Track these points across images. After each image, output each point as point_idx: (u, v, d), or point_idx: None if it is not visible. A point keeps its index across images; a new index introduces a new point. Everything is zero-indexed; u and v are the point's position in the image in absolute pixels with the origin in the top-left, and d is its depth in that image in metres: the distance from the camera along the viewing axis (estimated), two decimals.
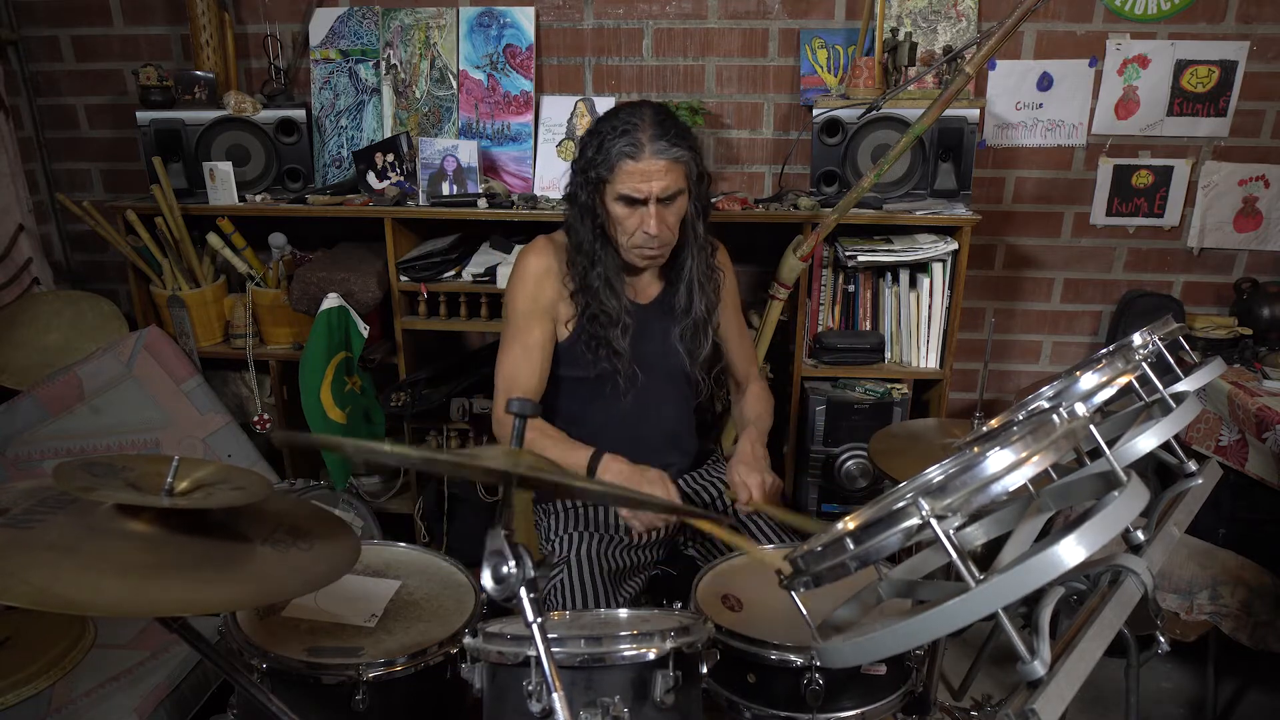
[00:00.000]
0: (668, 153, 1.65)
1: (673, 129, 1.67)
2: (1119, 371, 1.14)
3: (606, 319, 1.76)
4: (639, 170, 1.64)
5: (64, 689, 1.69)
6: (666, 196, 1.67)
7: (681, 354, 1.86)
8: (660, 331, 1.86)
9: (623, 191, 1.66)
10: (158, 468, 1.10)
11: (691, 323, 1.84)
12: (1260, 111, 2.55)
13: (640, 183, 1.65)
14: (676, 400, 1.92)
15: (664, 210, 1.69)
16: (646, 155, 1.64)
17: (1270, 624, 2.01)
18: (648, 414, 1.86)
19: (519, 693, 1.12)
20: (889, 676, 1.41)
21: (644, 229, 1.68)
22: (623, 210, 1.69)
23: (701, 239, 1.82)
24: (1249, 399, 2.16)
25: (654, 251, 1.74)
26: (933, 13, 2.50)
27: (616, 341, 1.77)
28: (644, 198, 1.66)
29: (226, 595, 1.02)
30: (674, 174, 1.67)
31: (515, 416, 1.04)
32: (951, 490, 0.79)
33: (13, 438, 2.35)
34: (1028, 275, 2.76)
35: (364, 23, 2.63)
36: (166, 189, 2.39)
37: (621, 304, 1.77)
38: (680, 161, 1.67)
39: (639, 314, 1.82)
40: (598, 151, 1.67)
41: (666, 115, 1.70)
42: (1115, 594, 0.94)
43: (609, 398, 1.83)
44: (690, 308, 1.83)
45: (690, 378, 1.90)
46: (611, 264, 1.76)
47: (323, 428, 2.34)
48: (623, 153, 1.64)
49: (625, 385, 1.80)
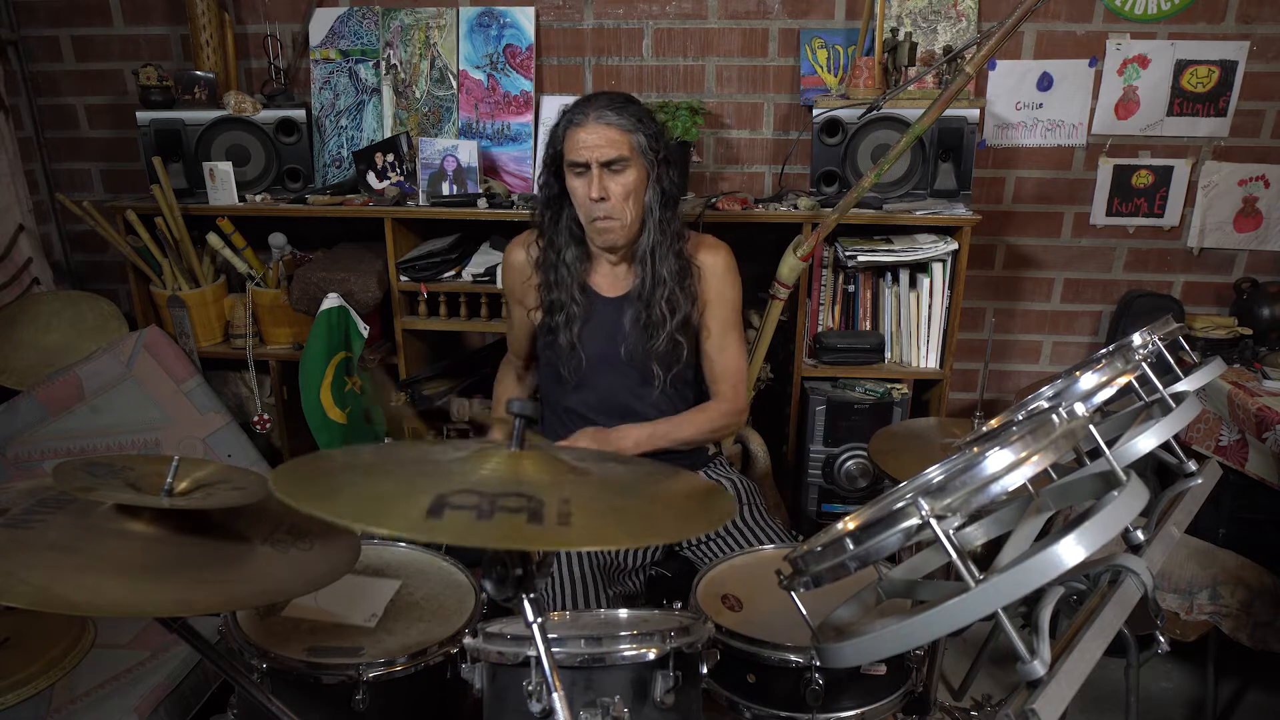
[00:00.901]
0: (609, 118, 1.73)
1: (624, 105, 1.76)
2: (1119, 371, 1.14)
3: (555, 306, 1.86)
4: (581, 134, 1.73)
5: (64, 689, 1.69)
6: (608, 161, 1.73)
7: (630, 342, 1.85)
8: (617, 322, 1.88)
9: (570, 158, 1.75)
10: (158, 468, 1.10)
11: (644, 309, 1.83)
12: (1260, 111, 2.55)
13: (583, 147, 1.73)
14: (626, 391, 1.90)
15: (609, 177, 1.74)
16: (590, 121, 1.73)
17: (1270, 624, 2.01)
18: (601, 406, 1.90)
19: (519, 693, 1.12)
20: (889, 676, 1.41)
21: (590, 195, 1.75)
22: (575, 182, 1.77)
23: (667, 225, 1.82)
24: (1249, 399, 2.16)
25: (605, 222, 1.77)
26: (933, 13, 2.50)
27: (560, 330, 1.85)
28: (585, 161, 1.73)
29: (226, 595, 1.02)
30: (619, 143, 1.73)
31: (516, 417, 1.04)
32: (951, 490, 0.79)
33: (13, 438, 2.35)
34: (1028, 275, 2.76)
35: (364, 23, 2.63)
36: (166, 189, 2.39)
37: (571, 293, 1.85)
38: (625, 130, 1.74)
39: (600, 306, 1.87)
40: (555, 130, 1.79)
41: (623, 98, 1.78)
42: (1115, 594, 0.94)
43: (561, 385, 1.92)
44: (643, 293, 1.83)
45: (644, 370, 1.86)
46: (570, 252, 1.85)
47: (323, 428, 2.34)
48: (570, 122, 1.75)
49: (569, 374, 1.88)
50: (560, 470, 1.01)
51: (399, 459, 1.05)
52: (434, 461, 1.03)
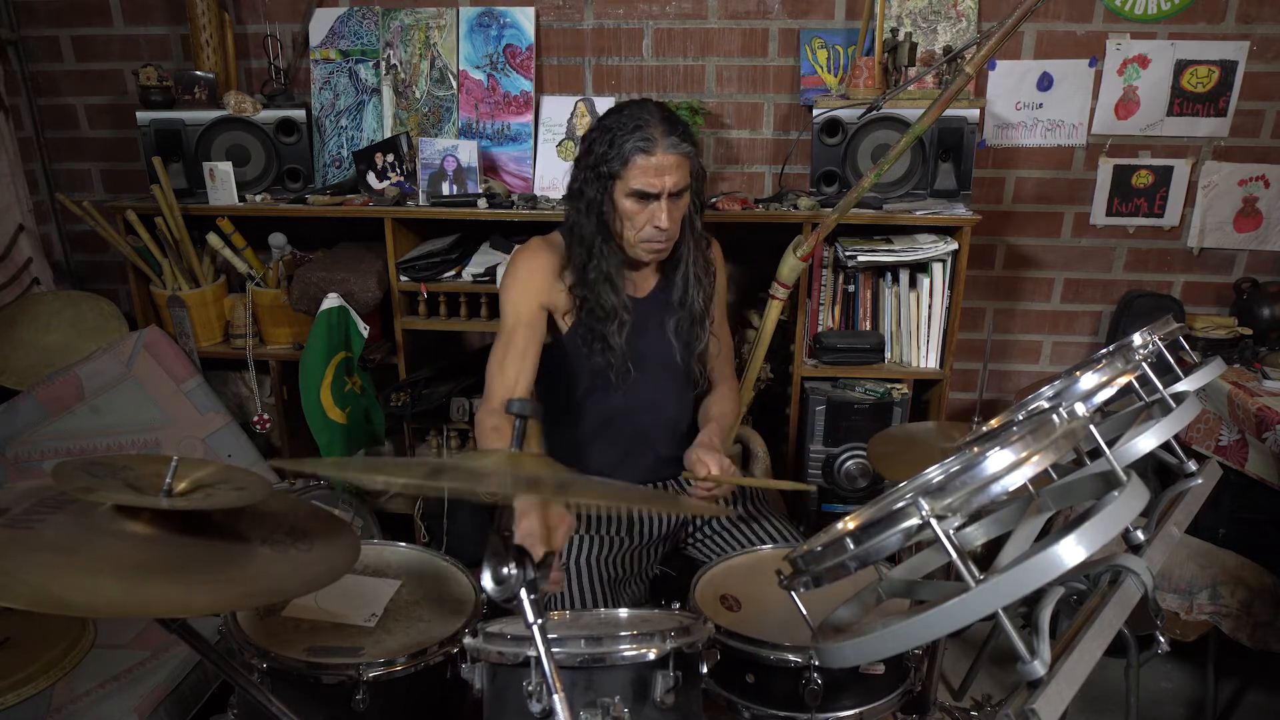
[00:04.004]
0: (679, 148, 1.68)
1: (680, 126, 1.71)
2: (1119, 371, 1.14)
3: (604, 314, 1.78)
4: (653, 165, 1.67)
5: (64, 689, 1.69)
6: (677, 191, 1.71)
7: (677, 346, 1.88)
8: (657, 325, 1.87)
9: (636, 187, 1.69)
10: (157, 468, 1.10)
11: (688, 315, 1.86)
12: (1260, 111, 2.55)
13: (654, 178, 1.68)
14: (673, 393, 1.93)
15: (673, 205, 1.72)
16: (660, 151, 1.66)
17: (1270, 624, 2.01)
18: (646, 407, 1.88)
19: (519, 693, 1.12)
20: (888, 676, 1.41)
21: (654, 223, 1.71)
22: (633, 205, 1.71)
23: (699, 233, 1.85)
24: (1249, 399, 2.16)
25: (661, 245, 1.77)
26: (933, 13, 2.50)
27: (612, 337, 1.79)
28: (657, 192, 1.69)
29: (226, 595, 1.01)
30: (683, 169, 1.71)
31: (516, 417, 1.04)
32: (951, 490, 0.79)
33: (12, 438, 2.35)
34: (1028, 275, 2.76)
35: (364, 23, 2.63)
36: (166, 189, 2.39)
37: (620, 300, 1.79)
38: (688, 157, 1.71)
39: (636, 308, 1.84)
40: (610, 147, 1.69)
41: (670, 113, 1.74)
42: (1115, 594, 0.94)
43: (604, 391, 1.85)
44: (686, 300, 1.85)
45: (688, 370, 1.91)
46: (613, 259, 1.78)
47: (323, 428, 2.34)
48: (637, 148, 1.66)
49: (617, 380, 1.82)
50: (560, 471, 1.01)
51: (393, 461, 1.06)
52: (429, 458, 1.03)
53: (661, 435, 1.90)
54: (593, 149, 1.72)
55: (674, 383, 1.91)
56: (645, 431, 1.88)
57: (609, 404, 1.86)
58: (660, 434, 1.90)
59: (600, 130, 1.73)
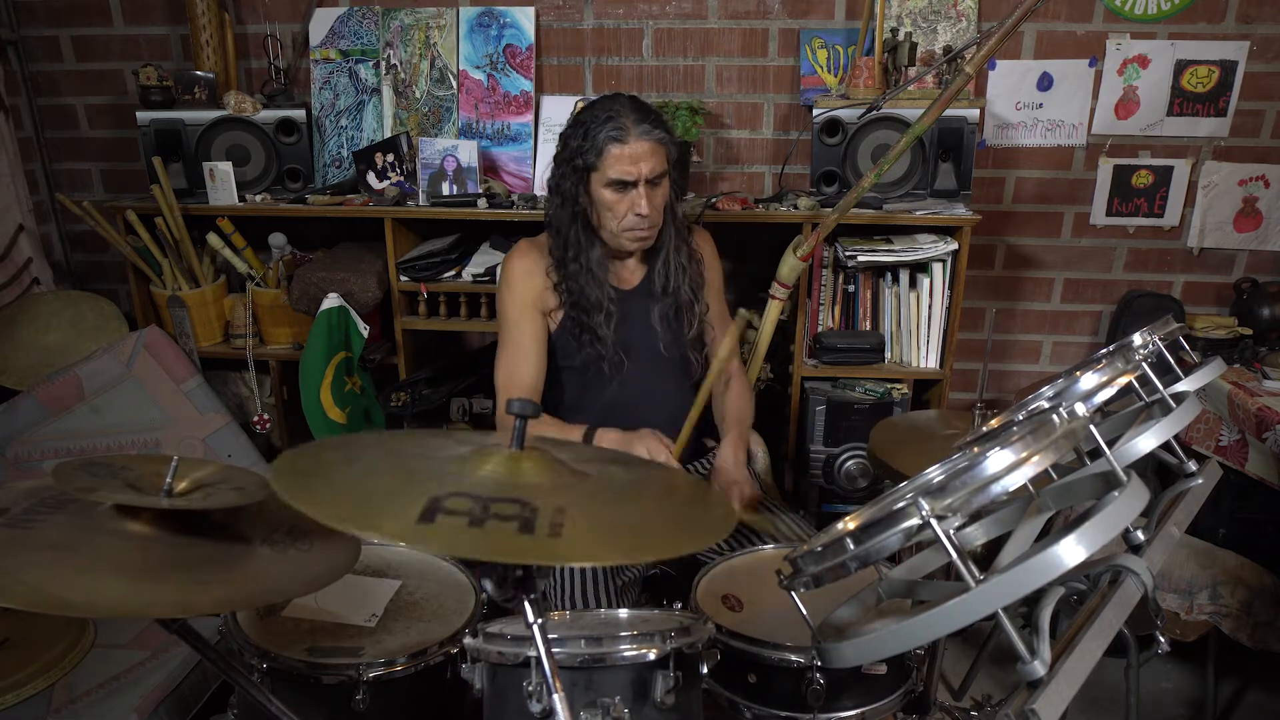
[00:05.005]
0: (651, 134, 1.72)
1: (651, 114, 1.75)
2: (1119, 371, 1.14)
3: (590, 306, 1.82)
4: (628, 154, 1.70)
5: (64, 689, 1.69)
6: (654, 177, 1.74)
7: (668, 335, 1.90)
8: (644, 315, 1.89)
9: (613, 176, 1.72)
10: (157, 468, 1.10)
11: (674, 302, 1.89)
12: (1260, 111, 2.55)
13: (630, 165, 1.71)
14: (670, 382, 1.94)
15: (652, 191, 1.75)
16: (633, 138, 1.70)
17: (1270, 624, 2.01)
18: (643, 397, 1.90)
19: (519, 693, 1.12)
20: (889, 676, 1.41)
21: (635, 211, 1.74)
22: (612, 195, 1.75)
23: (680, 220, 1.88)
24: (1249, 399, 2.16)
25: (644, 233, 1.80)
26: (933, 13, 2.50)
27: (600, 328, 1.82)
28: (634, 179, 1.72)
29: (226, 595, 1.01)
30: (659, 155, 1.74)
31: (516, 417, 1.04)
32: (951, 490, 0.79)
33: (13, 438, 2.35)
34: (1028, 275, 2.76)
35: (364, 23, 2.63)
36: (166, 189, 2.39)
37: (605, 291, 1.83)
38: (662, 143, 1.74)
39: (623, 300, 1.87)
40: (584, 140, 1.73)
41: (642, 103, 1.78)
42: (1115, 594, 0.94)
43: (599, 384, 1.88)
44: (670, 287, 1.88)
45: (683, 358, 1.93)
46: (595, 252, 1.82)
47: (323, 427, 2.34)
48: (610, 138, 1.70)
49: (610, 371, 1.86)
50: (560, 474, 1.01)
51: (400, 452, 1.06)
52: (434, 459, 1.03)
53: (662, 425, 1.90)
54: (568, 144, 1.77)
55: (669, 372, 1.93)
56: (645, 423, 1.88)
57: (606, 397, 1.89)
58: (660, 424, 1.90)
59: (574, 125, 1.77)
